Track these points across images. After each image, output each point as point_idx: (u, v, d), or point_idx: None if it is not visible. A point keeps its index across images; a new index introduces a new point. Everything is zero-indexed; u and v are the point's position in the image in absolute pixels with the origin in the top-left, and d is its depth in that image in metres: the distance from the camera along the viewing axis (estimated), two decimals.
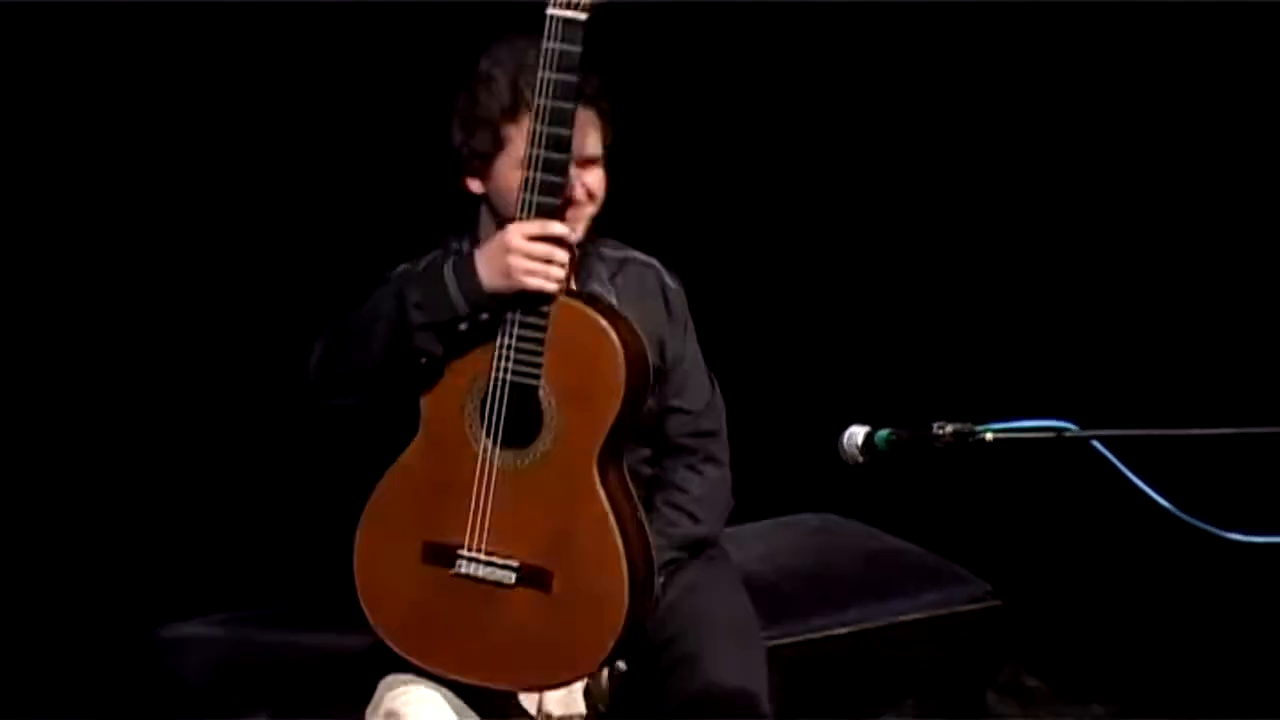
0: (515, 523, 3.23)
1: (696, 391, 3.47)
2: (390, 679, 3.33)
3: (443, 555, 3.25)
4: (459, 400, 3.23)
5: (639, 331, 3.29)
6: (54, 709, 4.38)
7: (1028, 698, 4.61)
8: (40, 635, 4.55)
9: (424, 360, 3.22)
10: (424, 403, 3.28)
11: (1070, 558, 4.97)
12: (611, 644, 3.26)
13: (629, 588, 3.22)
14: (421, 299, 3.18)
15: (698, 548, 3.47)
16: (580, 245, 3.35)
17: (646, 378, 3.30)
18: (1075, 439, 2.84)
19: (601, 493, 3.22)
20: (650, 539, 3.31)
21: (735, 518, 3.61)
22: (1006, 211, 5.28)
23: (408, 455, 3.30)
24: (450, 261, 3.22)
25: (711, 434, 3.49)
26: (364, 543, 3.31)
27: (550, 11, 3.11)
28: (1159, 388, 4.99)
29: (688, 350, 3.48)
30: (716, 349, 3.73)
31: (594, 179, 3.30)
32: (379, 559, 3.31)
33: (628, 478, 3.32)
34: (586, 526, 3.23)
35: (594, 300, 3.32)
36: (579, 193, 3.27)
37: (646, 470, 3.47)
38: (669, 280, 3.47)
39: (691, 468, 3.47)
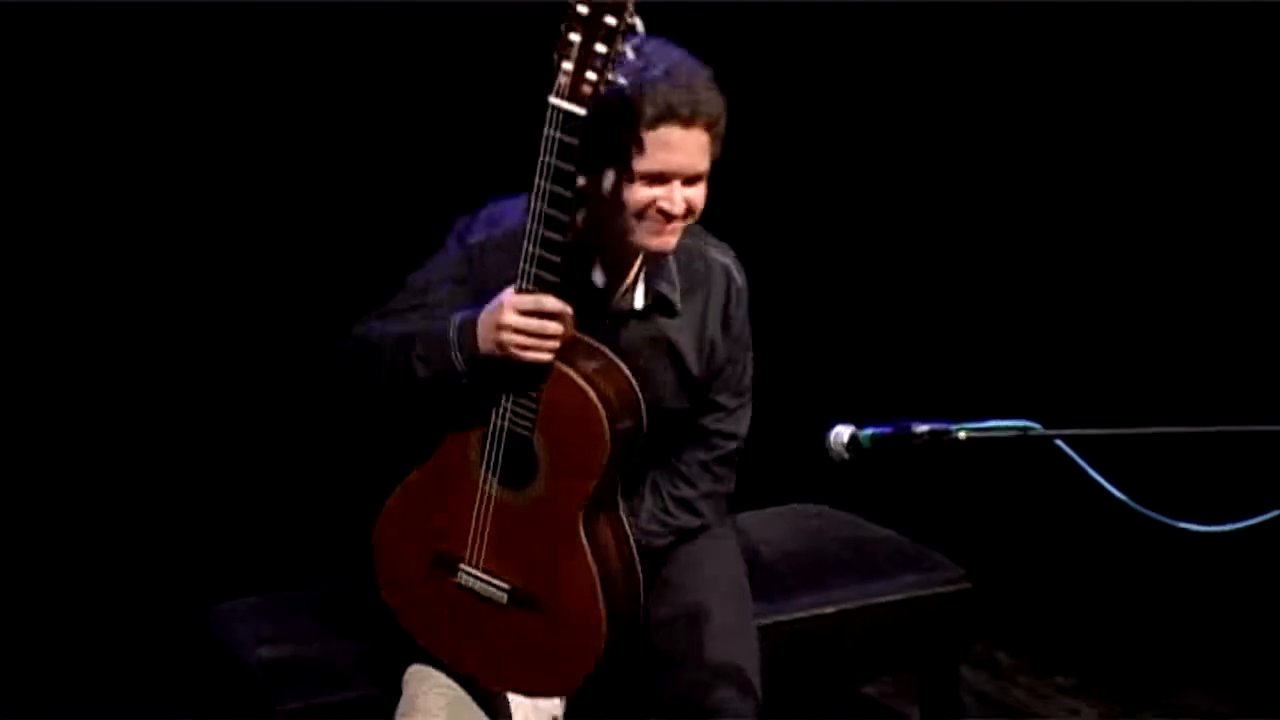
0: (509, 551, 3.28)
1: (736, 392, 3.49)
2: (417, 670, 3.40)
3: (448, 565, 3.32)
4: (465, 431, 3.27)
5: (631, 384, 3.26)
6: (114, 683, 4.42)
7: (998, 671, 4.75)
8: (103, 613, 4.58)
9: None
10: (435, 427, 3.32)
11: (1036, 545, 5.10)
12: (588, 671, 3.32)
13: (607, 626, 3.27)
14: (425, 353, 3.19)
15: (693, 535, 3.51)
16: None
17: (636, 431, 3.29)
18: (1040, 438, 2.91)
19: (586, 545, 3.26)
20: (638, 572, 3.34)
21: (735, 507, 3.68)
22: (987, 228, 5.27)
23: (420, 470, 3.35)
24: (458, 320, 3.19)
25: (733, 436, 3.50)
26: (381, 544, 3.39)
27: (552, 100, 3.05)
28: (1117, 388, 5.07)
29: (739, 351, 3.47)
30: None
31: (695, 194, 3.23)
32: (395, 560, 3.38)
33: (620, 514, 3.35)
34: (570, 573, 3.26)
35: (588, 362, 3.24)
36: (679, 207, 3.20)
37: (642, 471, 3.44)
38: (736, 277, 3.44)
39: (705, 466, 3.50)
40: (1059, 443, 2.89)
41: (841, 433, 2.99)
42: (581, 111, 3.04)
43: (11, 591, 4.61)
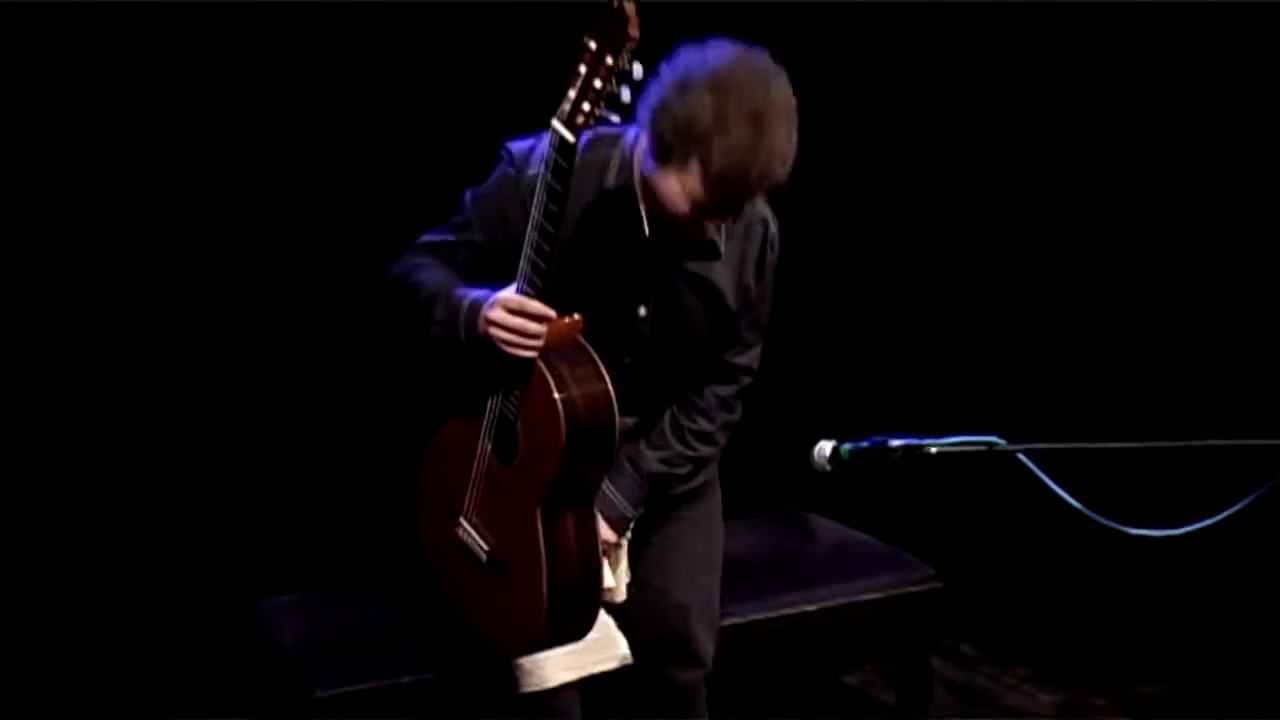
0: (492, 514, 3.35)
1: (758, 329, 3.50)
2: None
3: (453, 515, 3.39)
4: (480, 399, 3.31)
5: (610, 398, 3.25)
6: (166, 676, 4.47)
7: (964, 661, 4.85)
8: (156, 610, 4.61)
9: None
10: (459, 390, 3.37)
11: (1000, 548, 5.18)
12: (532, 645, 3.39)
13: (548, 617, 3.30)
14: (440, 318, 3.26)
15: (705, 463, 3.56)
16: None
17: (602, 440, 3.28)
18: (1003, 452, 2.93)
19: (540, 533, 3.28)
20: (599, 575, 3.37)
21: (729, 514, 3.72)
22: (952, 265, 5.27)
23: (448, 426, 3.40)
24: (470, 298, 3.22)
25: (750, 370, 3.53)
26: (419, 492, 3.47)
27: (553, 122, 3.06)
28: (1073, 406, 5.10)
29: (766, 291, 3.46)
30: None
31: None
32: (423, 505, 3.46)
33: (592, 514, 3.37)
34: (526, 554, 3.30)
35: (571, 368, 3.24)
36: (725, 223, 3.25)
37: (661, 406, 3.50)
38: (771, 226, 3.42)
39: (723, 401, 3.52)
40: (1021, 456, 2.92)
41: (824, 447, 3.04)
42: (572, 139, 3.05)
43: (73, 593, 4.62)
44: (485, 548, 3.34)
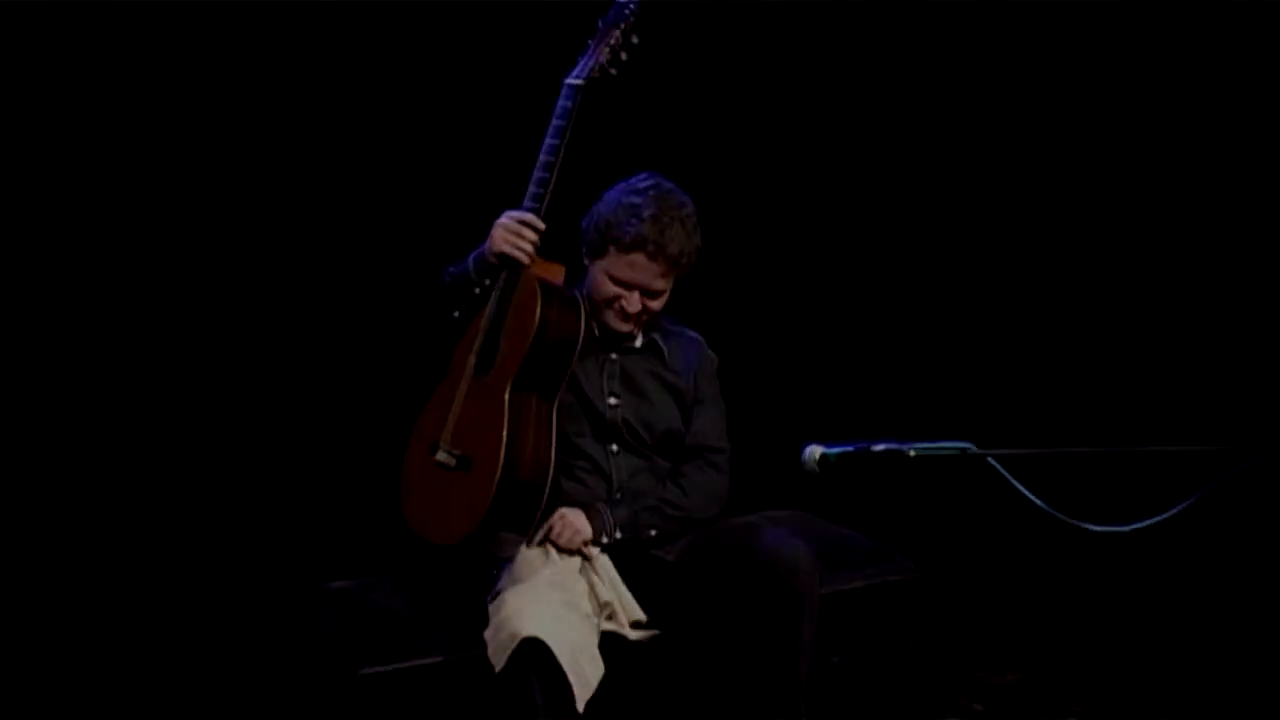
0: (466, 423, 3.59)
1: (711, 423, 3.84)
2: (498, 602, 3.54)
3: (432, 448, 3.62)
4: (472, 344, 3.59)
5: (577, 308, 3.62)
6: (227, 649, 4.50)
7: (938, 641, 4.82)
8: (223, 598, 4.63)
9: (456, 315, 3.59)
10: (456, 349, 3.63)
11: (971, 542, 5.14)
12: (485, 505, 3.52)
13: (502, 468, 3.50)
14: (453, 269, 3.62)
15: (684, 523, 3.72)
16: (652, 321, 3.76)
17: (567, 346, 3.59)
18: (975, 456, 3.00)
19: (506, 403, 3.54)
20: (549, 456, 3.56)
21: (731, 510, 3.79)
22: (931, 285, 5.21)
23: (439, 387, 3.64)
24: (476, 251, 3.61)
25: (718, 450, 3.83)
26: (406, 455, 3.68)
27: (566, 80, 3.54)
28: (1037, 414, 5.06)
29: (709, 396, 3.84)
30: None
31: (654, 303, 3.69)
32: (409, 464, 3.66)
33: (551, 412, 3.60)
34: (490, 424, 3.54)
35: (559, 289, 3.61)
36: (634, 309, 3.66)
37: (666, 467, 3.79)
38: (708, 351, 3.89)
39: (698, 466, 3.80)
40: (991, 460, 2.98)
41: (813, 451, 3.07)
42: (581, 82, 3.55)
43: (148, 585, 4.66)
44: (456, 453, 3.58)
